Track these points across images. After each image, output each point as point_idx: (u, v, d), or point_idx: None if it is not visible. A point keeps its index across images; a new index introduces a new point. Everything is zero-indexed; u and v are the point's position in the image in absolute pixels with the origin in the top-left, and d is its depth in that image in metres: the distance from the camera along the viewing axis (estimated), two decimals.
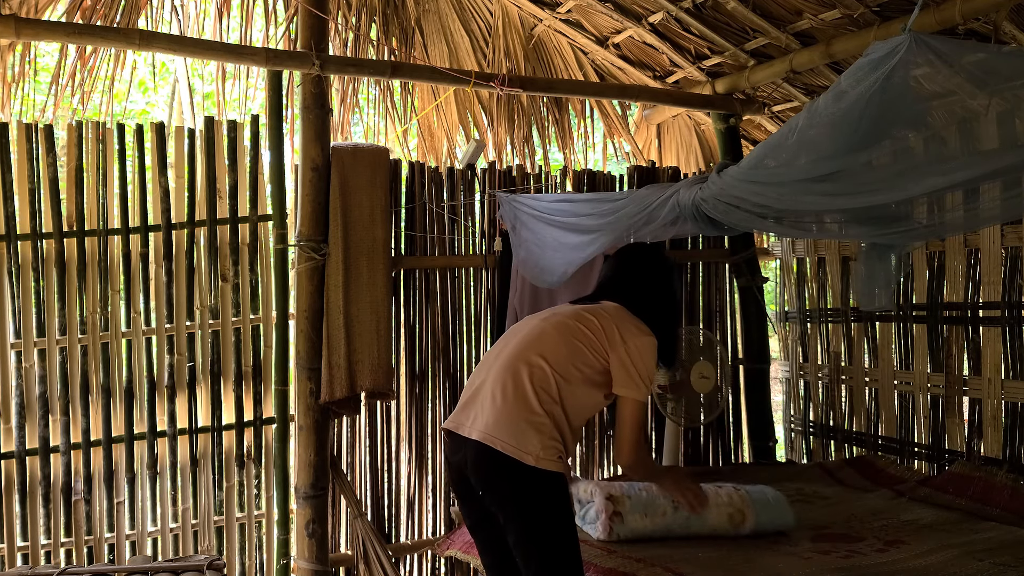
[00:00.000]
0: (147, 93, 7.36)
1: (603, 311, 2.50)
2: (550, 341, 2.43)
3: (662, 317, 2.59)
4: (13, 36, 3.08)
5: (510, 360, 2.42)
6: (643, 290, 2.62)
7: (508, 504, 2.32)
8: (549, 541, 2.27)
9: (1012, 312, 3.49)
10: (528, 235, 3.60)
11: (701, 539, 2.89)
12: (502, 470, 2.29)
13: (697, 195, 2.80)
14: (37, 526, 3.26)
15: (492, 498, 2.35)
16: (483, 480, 2.36)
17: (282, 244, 3.39)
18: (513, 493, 2.30)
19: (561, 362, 2.38)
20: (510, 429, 2.30)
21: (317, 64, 3.25)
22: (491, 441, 2.30)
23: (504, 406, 2.33)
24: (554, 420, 2.34)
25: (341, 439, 3.69)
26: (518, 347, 2.44)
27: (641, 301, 2.57)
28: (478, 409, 2.39)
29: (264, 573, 3.64)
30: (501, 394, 2.35)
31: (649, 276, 2.67)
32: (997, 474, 3.36)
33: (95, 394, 3.32)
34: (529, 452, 2.27)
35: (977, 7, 2.94)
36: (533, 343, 2.44)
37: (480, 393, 2.42)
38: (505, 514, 2.32)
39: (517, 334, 2.53)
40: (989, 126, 2.22)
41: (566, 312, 2.54)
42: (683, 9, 3.84)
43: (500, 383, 2.38)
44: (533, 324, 2.53)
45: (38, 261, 3.22)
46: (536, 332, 2.48)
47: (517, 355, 2.42)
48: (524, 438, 2.28)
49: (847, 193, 2.35)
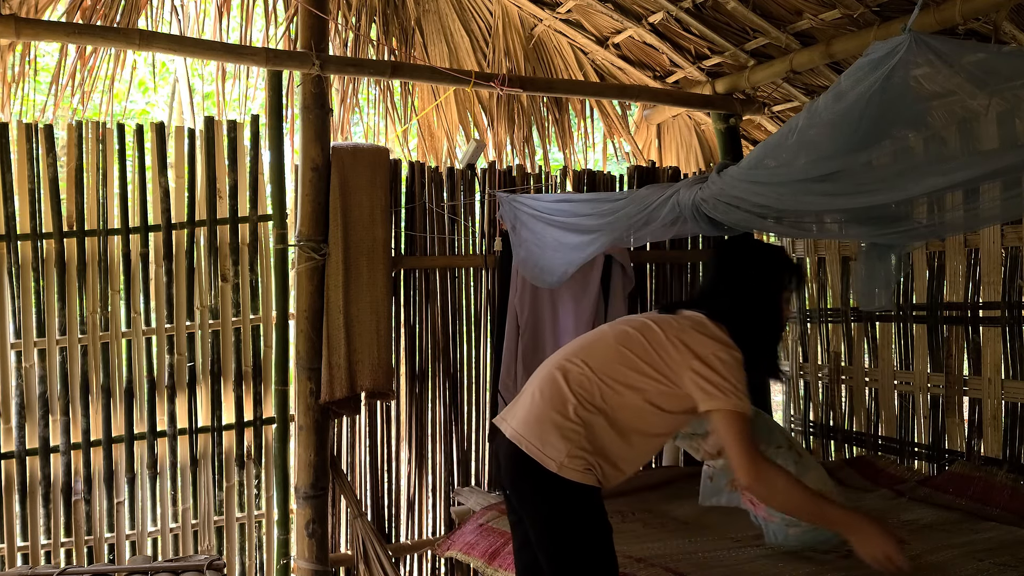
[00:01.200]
0: (147, 93, 7.36)
1: (673, 321, 2.25)
2: (601, 346, 2.26)
3: (752, 325, 2.27)
4: (13, 36, 3.07)
5: (560, 361, 2.27)
6: (732, 294, 2.32)
7: (528, 507, 2.22)
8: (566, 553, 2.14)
9: (1012, 312, 3.49)
10: (528, 235, 3.61)
11: (701, 539, 2.89)
12: (525, 472, 2.17)
13: (697, 195, 2.80)
14: (37, 526, 3.26)
15: (518, 500, 2.26)
16: (511, 481, 2.26)
17: (282, 244, 3.39)
18: (533, 497, 2.19)
19: (608, 369, 2.19)
20: (536, 430, 2.17)
21: (317, 64, 3.25)
22: (518, 440, 2.19)
23: (536, 406, 2.21)
24: (590, 431, 2.14)
25: (341, 439, 3.69)
26: (573, 348, 2.32)
27: (727, 307, 2.27)
28: (519, 406, 2.29)
29: (264, 573, 3.64)
30: (539, 393, 2.23)
31: (740, 276, 2.36)
32: (997, 474, 3.36)
33: (95, 394, 3.32)
34: (552, 458, 2.12)
35: (977, 7, 2.94)
36: (586, 346, 2.29)
37: (527, 389, 2.30)
38: (527, 516, 2.24)
39: (584, 338, 2.38)
40: (989, 126, 2.22)
41: (634, 319, 2.33)
42: (683, 9, 3.84)
43: (543, 381, 2.25)
44: (602, 328, 2.37)
45: (38, 261, 3.22)
46: (595, 335, 2.34)
47: (567, 355, 2.28)
48: (548, 442, 2.14)
49: (847, 193, 2.35)
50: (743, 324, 2.24)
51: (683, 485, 3.64)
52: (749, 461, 2.06)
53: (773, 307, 2.36)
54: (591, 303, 3.80)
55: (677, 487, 3.62)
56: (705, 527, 3.07)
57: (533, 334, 3.79)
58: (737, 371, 2.14)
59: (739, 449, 2.06)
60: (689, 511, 3.25)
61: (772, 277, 2.38)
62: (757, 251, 2.46)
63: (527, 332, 3.78)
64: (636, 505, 3.33)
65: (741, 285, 2.33)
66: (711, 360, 2.12)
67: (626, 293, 3.95)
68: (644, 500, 3.41)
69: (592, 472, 2.14)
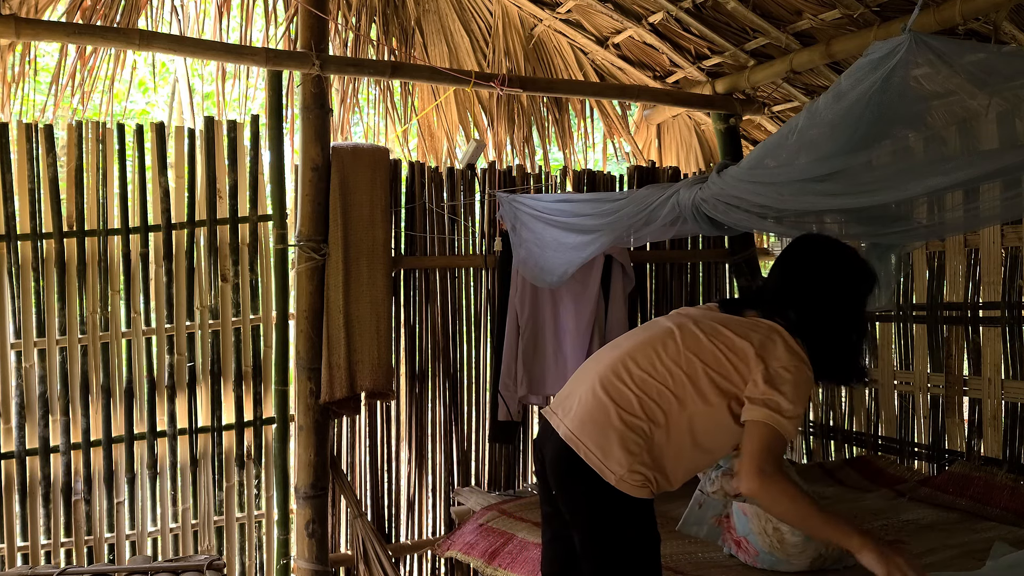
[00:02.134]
0: (147, 93, 7.36)
1: (748, 328, 2.08)
2: (672, 351, 2.08)
3: (833, 339, 2.12)
4: (13, 36, 3.07)
5: (623, 360, 2.10)
6: (808, 301, 2.12)
7: (578, 513, 2.10)
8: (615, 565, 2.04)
9: (1012, 312, 3.49)
10: (528, 235, 3.61)
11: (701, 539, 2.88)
12: (579, 477, 2.04)
13: (697, 195, 2.80)
14: (37, 526, 3.26)
15: (564, 501, 2.13)
16: (558, 481, 2.13)
17: (282, 244, 3.39)
18: (587, 505, 2.07)
19: (674, 379, 2.04)
20: (595, 436, 2.03)
21: (317, 64, 3.25)
22: (575, 444, 2.04)
23: (596, 408, 2.05)
24: (650, 444, 2.02)
25: (341, 439, 3.69)
26: (637, 347, 2.12)
27: (803, 315, 2.10)
28: (573, 402, 2.12)
29: (264, 573, 3.64)
30: (602, 393, 2.06)
31: (818, 284, 2.15)
32: (997, 474, 3.36)
33: (95, 394, 3.32)
34: (612, 471, 1.99)
35: (977, 7, 2.94)
36: (648, 345, 2.11)
37: (582, 386, 2.13)
38: (574, 521, 2.12)
39: (645, 331, 2.20)
40: (989, 126, 2.22)
41: (704, 322, 2.13)
42: (683, 9, 3.84)
43: (603, 383, 2.08)
44: (664, 326, 2.17)
45: (38, 261, 3.22)
46: (659, 333, 2.14)
47: (631, 357, 2.10)
48: (609, 453, 2.00)
49: (847, 193, 2.35)
50: (823, 339, 2.09)
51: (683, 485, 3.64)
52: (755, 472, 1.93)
53: (856, 319, 2.18)
54: (591, 303, 3.80)
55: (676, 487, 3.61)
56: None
57: (533, 334, 3.79)
58: (801, 391, 1.99)
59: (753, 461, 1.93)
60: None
61: (854, 288, 2.18)
62: (837, 256, 2.21)
63: (527, 332, 3.78)
64: None
65: (822, 295, 2.13)
66: (779, 373, 1.98)
67: (626, 293, 3.95)
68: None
69: (648, 487, 2.04)
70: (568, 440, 2.06)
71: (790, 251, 2.24)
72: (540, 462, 2.23)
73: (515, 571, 2.85)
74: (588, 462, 2.02)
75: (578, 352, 3.75)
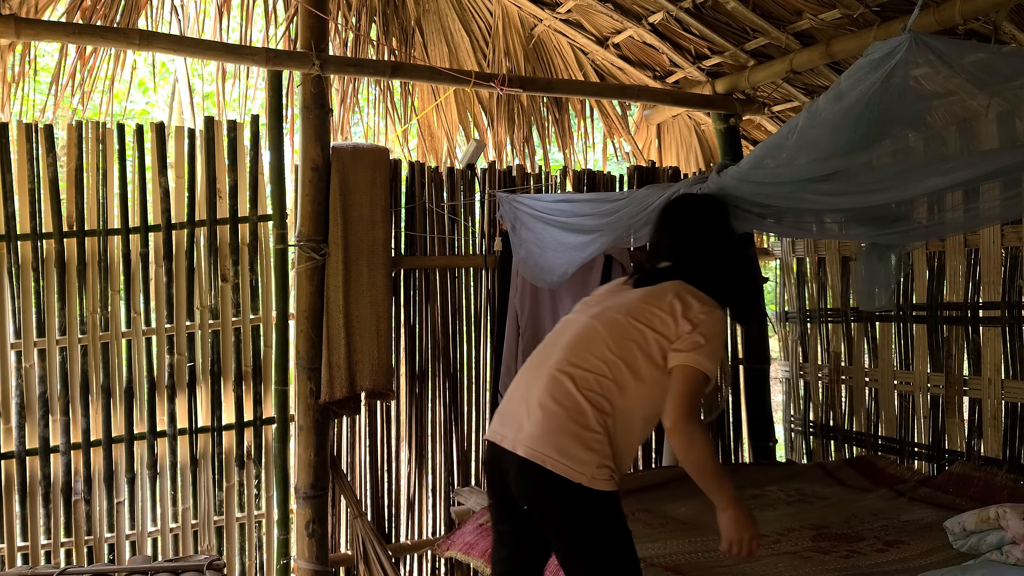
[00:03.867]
0: (147, 93, 7.36)
1: (660, 295, 2.20)
2: (599, 343, 2.17)
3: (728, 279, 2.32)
4: (13, 36, 3.08)
5: (558, 365, 2.17)
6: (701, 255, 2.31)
7: (557, 522, 2.14)
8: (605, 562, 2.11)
9: (1012, 312, 3.49)
10: (528, 235, 3.61)
11: (701, 539, 2.88)
12: (550, 488, 2.09)
13: None
14: (37, 526, 3.26)
15: (539, 515, 2.16)
16: (530, 499, 2.15)
17: (282, 244, 3.39)
18: (566, 513, 2.11)
19: (612, 368, 2.13)
20: (556, 444, 2.08)
21: (317, 64, 3.25)
22: (539, 458, 2.08)
23: (550, 419, 2.11)
24: (609, 437, 2.10)
25: (341, 439, 3.69)
26: (566, 351, 2.20)
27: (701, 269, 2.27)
28: (522, 420, 2.16)
29: (264, 573, 3.64)
30: (552, 404, 2.12)
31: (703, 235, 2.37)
32: (997, 474, 3.36)
33: (95, 394, 3.32)
34: (582, 472, 2.06)
35: (977, 7, 2.94)
36: (579, 344, 2.19)
37: (526, 403, 2.19)
38: (552, 531, 2.16)
39: (565, 333, 2.27)
40: (989, 126, 2.22)
41: (620, 305, 2.24)
42: (683, 9, 3.84)
43: (548, 393, 2.14)
44: (582, 321, 2.26)
45: (38, 261, 3.22)
46: (586, 332, 2.21)
47: (565, 360, 2.17)
48: (575, 455, 2.07)
49: (847, 193, 2.35)
50: (722, 283, 2.28)
51: (683, 485, 3.63)
52: (683, 411, 2.07)
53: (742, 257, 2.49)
54: None
55: (677, 487, 3.61)
56: (705, 527, 3.06)
57: (533, 334, 3.79)
58: (717, 334, 2.17)
59: (681, 400, 2.07)
60: (689, 511, 3.24)
61: (727, 228, 2.48)
62: (706, 208, 2.49)
63: (527, 332, 3.78)
64: (636, 505, 3.33)
65: (707, 246, 2.35)
66: (696, 320, 2.13)
67: None
68: (644, 500, 3.41)
69: (614, 479, 2.11)
70: (532, 457, 2.09)
71: (670, 217, 2.46)
72: (498, 486, 2.25)
73: None
74: (556, 471, 2.06)
75: None
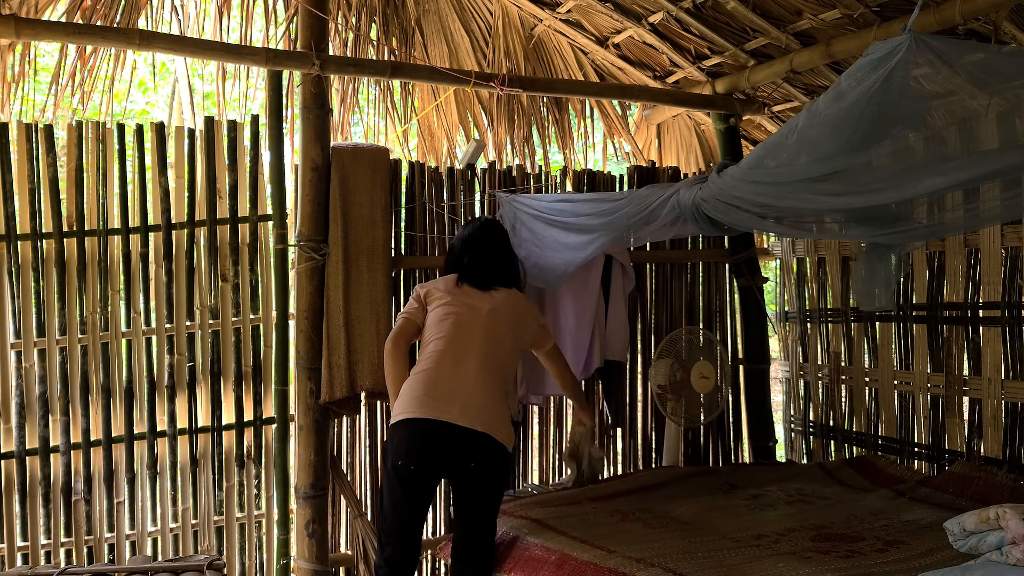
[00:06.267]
0: (147, 93, 7.35)
1: (510, 296, 3.09)
2: (498, 328, 2.98)
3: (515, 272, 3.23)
4: (13, 36, 3.08)
5: (486, 354, 2.91)
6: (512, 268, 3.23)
7: (490, 480, 2.86)
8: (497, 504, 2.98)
9: (1012, 312, 3.49)
10: (528, 235, 3.61)
11: (701, 539, 2.89)
12: (494, 453, 2.82)
13: (697, 195, 2.80)
14: (37, 526, 3.26)
15: (481, 474, 2.83)
16: (482, 461, 2.82)
17: (282, 244, 3.39)
18: (497, 473, 2.88)
19: (511, 354, 3.04)
20: (495, 418, 2.83)
21: (317, 64, 3.25)
22: (494, 432, 2.80)
23: (487, 397, 2.84)
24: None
25: (341, 439, 3.69)
26: (486, 342, 2.93)
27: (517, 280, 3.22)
28: (467, 400, 2.81)
29: (264, 573, 3.64)
30: (492, 387, 2.88)
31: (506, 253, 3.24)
32: (997, 474, 3.36)
33: (95, 394, 3.32)
34: (509, 437, 2.87)
35: (977, 7, 2.94)
36: (496, 340, 2.95)
37: (465, 386, 2.84)
38: (482, 484, 2.85)
39: (476, 326, 2.95)
40: (989, 126, 2.22)
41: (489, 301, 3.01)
42: (683, 9, 3.84)
43: (485, 376, 2.87)
44: (479, 315, 2.98)
45: (38, 261, 3.22)
46: (487, 322, 2.96)
47: (488, 351, 2.92)
48: (506, 425, 2.86)
49: (847, 193, 2.35)
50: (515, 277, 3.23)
51: (683, 485, 3.64)
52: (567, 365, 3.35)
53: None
54: (591, 303, 3.80)
55: (677, 487, 3.62)
56: (705, 527, 3.07)
57: None
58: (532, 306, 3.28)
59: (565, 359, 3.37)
60: (689, 511, 3.24)
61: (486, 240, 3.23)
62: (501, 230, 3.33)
63: None
64: (636, 505, 3.33)
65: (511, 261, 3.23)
66: (535, 313, 3.22)
67: (626, 293, 3.95)
68: (644, 500, 3.41)
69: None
70: (490, 432, 2.79)
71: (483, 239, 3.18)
72: (431, 459, 2.81)
73: (515, 571, 2.85)
74: (499, 439, 2.81)
75: (578, 352, 3.75)
